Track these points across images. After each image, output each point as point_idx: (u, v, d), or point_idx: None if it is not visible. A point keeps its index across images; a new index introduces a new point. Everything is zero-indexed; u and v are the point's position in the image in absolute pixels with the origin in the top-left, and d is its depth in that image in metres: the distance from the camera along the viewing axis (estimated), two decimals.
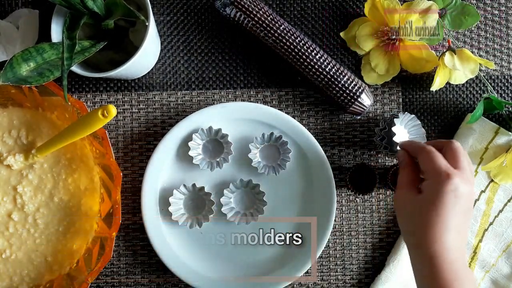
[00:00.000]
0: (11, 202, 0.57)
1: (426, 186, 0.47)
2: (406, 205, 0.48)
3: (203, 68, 0.62)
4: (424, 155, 0.48)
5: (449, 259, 0.44)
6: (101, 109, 0.50)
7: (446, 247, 0.45)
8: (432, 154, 0.48)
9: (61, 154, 0.58)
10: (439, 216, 0.45)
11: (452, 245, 0.45)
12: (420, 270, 0.46)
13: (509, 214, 0.60)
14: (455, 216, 0.45)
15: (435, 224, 0.45)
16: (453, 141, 0.49)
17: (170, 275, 0.60)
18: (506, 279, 0.60)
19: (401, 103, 0.62)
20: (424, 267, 0.46)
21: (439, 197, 0.45)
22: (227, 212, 0.58)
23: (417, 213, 0.47)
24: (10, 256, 0.57)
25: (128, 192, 0.61)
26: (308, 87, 0.62)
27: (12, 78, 0.47)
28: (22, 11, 0.60)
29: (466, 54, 0.57)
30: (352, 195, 0.61)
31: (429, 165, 0.47)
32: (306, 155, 0.59)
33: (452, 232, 0.45)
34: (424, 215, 0.46)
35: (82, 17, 0.50)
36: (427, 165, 0.48)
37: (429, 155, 0.48)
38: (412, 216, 0.47)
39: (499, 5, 0.62)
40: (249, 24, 0.57)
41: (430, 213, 0.45)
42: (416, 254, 0.47)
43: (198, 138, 0.58)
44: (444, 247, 0.45)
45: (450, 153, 0.48)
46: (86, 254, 0.57)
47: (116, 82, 0.62)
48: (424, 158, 0.48)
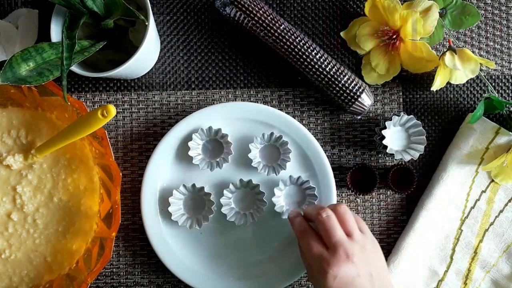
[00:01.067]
0: (10, 202, 0.57)
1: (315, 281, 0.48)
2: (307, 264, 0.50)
3: (202, 68, 0.62)
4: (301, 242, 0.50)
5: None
6: (101, 109, 0.50)
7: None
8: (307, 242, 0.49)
9: (61, 154, 0.58)
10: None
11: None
12: None
13: (509, 214, 0.60)
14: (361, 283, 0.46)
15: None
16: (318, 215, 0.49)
17: (170, 275, 0.60)
18: (507, 279, 0.59)
19: (402, 103, 0.62)
20: None
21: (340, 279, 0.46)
22: (227, 212, 0.58)
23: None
24: (10, 256, 0.57)
25: (128, 192, 0.61)
26: (308, 87, 0.62)
27: (11, 78, 0.47)
28: (22, 11, 0.60)
29: (466, 54, 0.57)
30: (352, 195, 0.61)
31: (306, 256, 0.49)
32: (306, 155, 0.59)
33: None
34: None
35: (82, 16, 0.50)
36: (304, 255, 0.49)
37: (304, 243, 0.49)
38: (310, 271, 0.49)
39: (499, 5, 0.62)
40: (249, 24, 0.57)
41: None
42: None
43: (198, 138, 0.58)
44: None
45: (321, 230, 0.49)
46: (85, 254, 0.57)
47: (115, 82, 0.62)
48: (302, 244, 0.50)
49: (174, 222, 0.58)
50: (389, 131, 0.57)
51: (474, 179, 0.60)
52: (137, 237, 0.61)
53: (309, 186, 0.57)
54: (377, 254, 0.49)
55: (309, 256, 0.48)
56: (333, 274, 0.45)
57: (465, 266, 0.60)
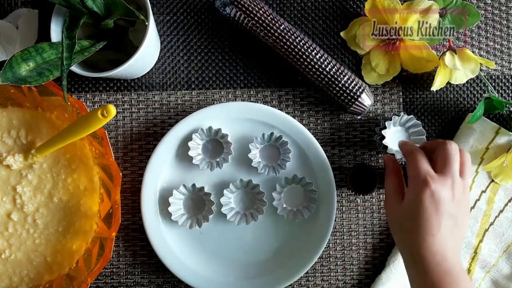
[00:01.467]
0: (10, 202, 0.57)
1: (407, 194, 0.49)
2: (392, 213, 0.50)
3: (203, 68, 0.62)
4: (409, 159, 0.50)
5: (434, 262, 0.45)
6: (101, 109, 0.50)
7: (431, 251, 0.46)
8: (416, 159, 0.49)
9: (61, 154, 0.58)
10: (419, 222, 0.46)
11: (437, 249, 0.46)
12: (410, 274, 0.48)
13: (509, 214, 0.60)
14: (438, 221, 0.46)
15: (417, 230, 0.46)
16: (447, 143, 0.49)
17: (170, 275, 0.60)
18: (507, 279, 0.59)
19: (402, 103, 0.62)
20: (413, 271, 0.47)
21: (417, 204, 0.47)
22: (227, 212, 0.58)
23: (401, 220, 0.48)
24: (10, 256, 0.57)
25: (128, 192, 0.61)
26: (308, 87, 0.62)
27: (11, 78, 0.47)
28: (22, 11, 0.60)
29: (466, 54, 0.57)
30: (352, 195, 0.61)
31: (411, 170, 0.49)
32: (306, 155, 0.59)
33: (437, 236, 0.46)
34: (408, 222, 0.47)
35: (82, 16, 0.50)
36: (409, 170, 0.49)
37: (413, 159, 0.49)
38: (398, 223, 0.49)
39: (499, 5, 0.62)
40: (249, 24, 0.57)
41: (412, 220, 0.47)
42: (406, 258, 0.48)
43: (198, 138, 0.58)
44: (429, 251, 0.46)
45: (440, 155, 0.49)
46: (85, 254, 0.57)
47: (115, 82, 0.62)
48: (408, 162, 0.50)
49: (174, 222, 0.58)
50: (389, 131, 0.57)
51: (474, 179, 0.60)
52: (137, 237, 0.61)
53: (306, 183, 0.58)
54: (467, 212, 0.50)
55: (415, 169, 0.48)
56: (434, 189, 0.46)
57: (465, 266, 0.60)
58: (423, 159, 0.49)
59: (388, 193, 0.51)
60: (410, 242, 0.47)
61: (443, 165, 0.48)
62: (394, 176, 0.52)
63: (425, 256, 0.46)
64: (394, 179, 0.52)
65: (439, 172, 0.48)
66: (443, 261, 0.45)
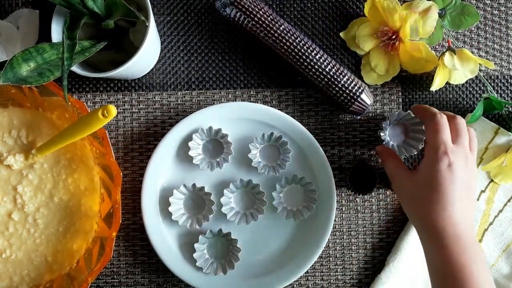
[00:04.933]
0: (11, 202, 0.57)
1: (423, 165, 0.48)
2: (404, 187, 0.49)
3: (203, 68, 0.62)
4: (431, 125, 0.49)
5: (455, 233, 0.44)
6: (101, 109, 0.50)
7: (450, 222, 0.45)
8: (439, 127, 0.49)
9: (61, 154, 0.58)
10: (438, 192, 0.46)
11: (456, 219, 0.45)
12: (429, 250, 0.47)
13: (509, 214, 0.60)
14: (456, 191, 0.46)
15: (436, 201, 0.46)
16: (457, 117, 0.50)
17: (170, 275, 0.60)
18: (506, 279, 0.60)
19: (401, 103, 0.62)
20: (432, 246, 0.46)
21: (436, 174, 0.46)
22: (227, 212, 0.58)
23: (416, 192, 0.48)
24: (10, 256, 0.57)
25: (128, 192, 0.61)
26: (308, 87, 0.62)
27: (12, 78, 0.47)
28: (22, 11, 0.60)
29: (466, 54, 0.57)
30: (352, 195, 0.61)
31: (432, 137, 0.48)
32: (306, 155, 0.59)
33: (456, 205, 0.45)
34: (424, 194, 0.47)
35: (82, 17, 0.50)
36: (430, 137, 0.49)
37: (436, 126, 0.49)
38: (412, 196, 0.48)
39: (499, 5, 0.62)
40: (249, 24, 0.58)
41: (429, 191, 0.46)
42: (423, 234, 0.47)
43: (198, 138, 0.58)
44: (448, 222, 0.45)
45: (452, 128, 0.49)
46: (86, 254, 0.57)
47: (116, 82, 0.62)
48: (430, 128, 0.49)
49: (174, 222, 0.58)
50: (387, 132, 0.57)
51: None
52: (138, 237, 0.61)
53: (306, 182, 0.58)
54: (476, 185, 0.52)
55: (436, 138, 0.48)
56: (451, 160, 0.47)
57: None
58: (447, 128, 0.49)
59: (393, 171, 0.51)
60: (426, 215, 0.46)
61: (456, 137, 0.48)
62: (393, 159, 0.52)
63: (444, 228, 0.45)
64: (394, 160, 0.52)
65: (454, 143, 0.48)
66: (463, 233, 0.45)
